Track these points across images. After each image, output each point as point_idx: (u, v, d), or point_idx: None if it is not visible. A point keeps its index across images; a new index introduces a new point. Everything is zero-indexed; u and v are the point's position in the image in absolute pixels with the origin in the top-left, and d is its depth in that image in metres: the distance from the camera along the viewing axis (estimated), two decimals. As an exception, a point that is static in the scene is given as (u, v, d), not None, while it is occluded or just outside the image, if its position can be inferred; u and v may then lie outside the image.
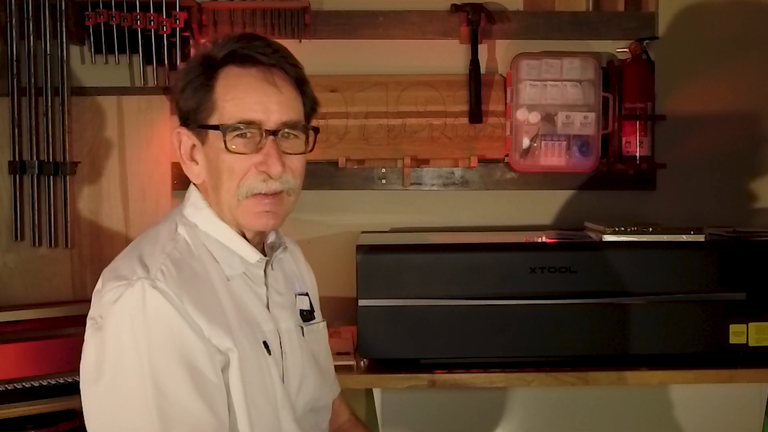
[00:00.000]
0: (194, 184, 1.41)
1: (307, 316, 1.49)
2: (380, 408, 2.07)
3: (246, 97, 1.30)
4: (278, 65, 1.33)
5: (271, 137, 1.30)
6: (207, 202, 1.37)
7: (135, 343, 1.21)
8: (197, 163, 1.36)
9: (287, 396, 1.37)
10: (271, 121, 1.30)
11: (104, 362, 1.23)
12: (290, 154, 1.33)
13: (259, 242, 1.41)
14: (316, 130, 1.39)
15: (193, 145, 1.35)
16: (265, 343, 1.35)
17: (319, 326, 1.53)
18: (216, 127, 1.30)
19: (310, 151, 1.38)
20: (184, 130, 1.36)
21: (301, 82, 1.37)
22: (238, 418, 1.29)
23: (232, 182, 1.31)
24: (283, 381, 1.37)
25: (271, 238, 1.45)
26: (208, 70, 1.32)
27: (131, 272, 1.25)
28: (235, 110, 1.30)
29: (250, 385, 1.30)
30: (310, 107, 1.40)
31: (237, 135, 1.30)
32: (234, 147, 1.29)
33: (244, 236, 1.37)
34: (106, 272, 1.30)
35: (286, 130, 1.32)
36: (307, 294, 1.53)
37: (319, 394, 1.48)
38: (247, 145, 1.30)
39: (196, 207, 1.38)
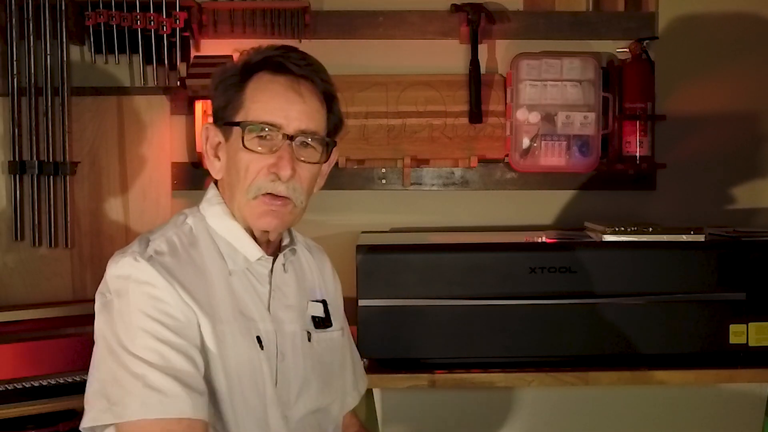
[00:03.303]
0: (213, 182, 1.45)
1: (319, 323, 1.49)
2: (380, 408, 2.07)
3: (271, 101, 1.35)
4: (308, 77, 1.38)
5: (287, 142, 1.34)
6: (221, 199, 1.42)
7: (121, 302, 1.27)
8: (219, 160, 1.41)
9: (277, 395, 1.36)
10: (291, 127, 1.35)
11: (101, 310, 1.31)
12: (304, 161, 1.37)
13: (269, 242, 1.43)
14: (334, 143, 1.42)
15: (219, 142, 1.41)
16: (258, 338, 1.36)
17: (333, 335, 1.52)
18: (237, 124, 1.35)
19: (326, 162, 1.42)
20: (212, 126, 1.42)
21: (329, 98, 1.42)
22: (219, 393, 1.31)
23: (245, 181, 1.35)
24: (277, 381, 1.37)
25: (285, 240, 1.48)
26: (244, 72, 1.38)
27: (131, 247, 1.33)
28: (258, 112, 1.35)
29: (236, 366, 1.32)
30: (334, 124, 1.44)
31: (255, 135, 1.34)
32: (250, 145, 1.34)
33: (253, 235, 1.40)
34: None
35: (303, 138, 1.36)
36: (323, 301, 1.53)
37: (323, 402, 1.48)
38: (263, 146, 1.35)
39: (210, 202, 1.43)
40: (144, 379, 1.22)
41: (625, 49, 2.45)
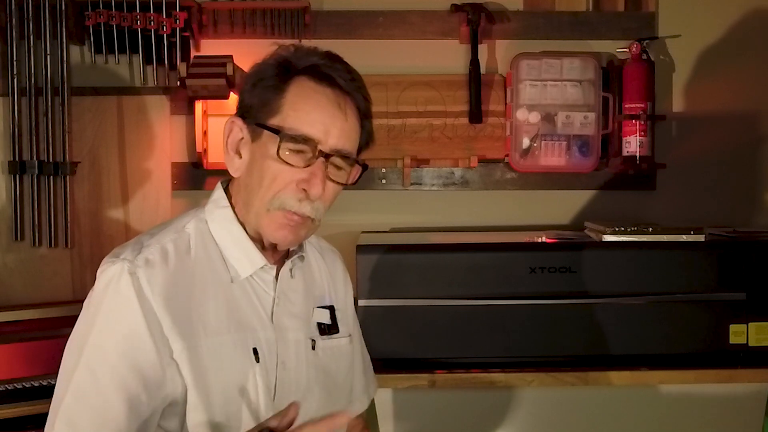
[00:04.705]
0: (220, 182, 1.41)
1: (324, 329, 1.46)
2: (380, 408, 2.07)
3: (313, 112, 1.29)
4: (352, 94, 1.33)
5: (322, 159, 1.29)
6: (227, 202, 1.37)
7: (94, 314, 1.26)
8: (240, 158, 1.35)
9: (275, 407, 1.33)
10: (328, 144, 1.30)
11: (86, 307, 1.30)
12: (333, 181, 1.33)
13: (276, 249, 1.39)
14: (365, 167, 1.39)
15: (242, 138, 1.35)
16: (255, 350, 1.32)
17: (340, 342, 1.48)
18: (276, 131, 1.28)
19: (353, 184, 1.38)
20: (238, 121, 1.34)
21: (365, 116, 1.37)
22: (198, 419, 1.27)
23: (269, 191, 1.30)
24: (275, 391, 1.34)
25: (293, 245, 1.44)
26: (285, 73, 1.31)
27: (123, 252, 1.29)
28: (298, 122, 1.29)
29: (223, 383, 1.28)
30: (365, 141, 1.39)
31: (291, 146, 1.28)
32: (284, 156, 1.28)
33: (262, 242, 1.36)
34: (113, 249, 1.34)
35: (338, 158, 1.32)
36: (329, 307, 1.49)
37: (324, 412, 1.40)
38: (296, 159, 1.29)
39: (216, 204, 1.38)
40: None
41: (625, 49, 2.45)
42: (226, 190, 1.40)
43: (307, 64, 1.32)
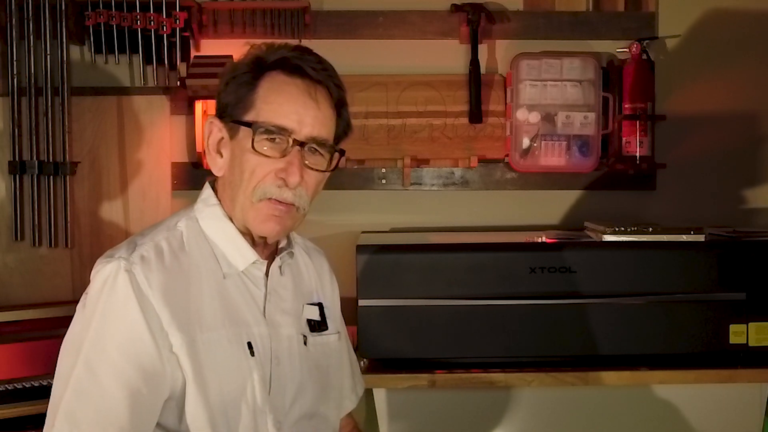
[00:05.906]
0: (208, 181, 1.44)
1: (314, 326, 1.48)
2: (380, 408, 2.07)
3: (285, 104, 1.32)
4: (324, 82, 1.36)
5: (297, 147, 1.32)
6: (218, 199, 1.40)
7: (91, 313, 1.26)
8: (222, 157, 1.38)
9: (270, 401, 1.35)
10: (302, 133, 1.32)
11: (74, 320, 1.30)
12: (311, 169, 1.34)
13: (266, 245, 1.41)
14: (342, 152, 1.40)
15: (222, 138, 1.37)
16: (249, 344, 1.34)
17: (329, 338, 1.50)
18: (248, 125, 1.31)
19: (332, 170, 1.39)
20: (217, 121, 1.37)
21: (340, 104, 1.39)
22: (197, 413, 1.28)
23: (250, 183, 1.33)
24: (271, 386, 1.35)
25: (282, 242, 1.46)
26: (256, 70, 1.34)
27: (117, 251, 1.31)
28: (270, 114, 1.32)
29: (219, 378, 1.29)
30: (343, 129, 1.41)
31: (266, 138, 1.31)
32: (260, 148, 1.31)
33: (250, 236, 1.38)
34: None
35: (314, 145, 1.34)
36: (318, 304, 1.51)
37: (319, 407, 1.46)
38: (272, 150, 1.32)
39: (205, 203, 1.41)
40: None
41: (625, 49, 2.45)
42: (213, 189, 1.42)
43: (276, 58, 1.35)
